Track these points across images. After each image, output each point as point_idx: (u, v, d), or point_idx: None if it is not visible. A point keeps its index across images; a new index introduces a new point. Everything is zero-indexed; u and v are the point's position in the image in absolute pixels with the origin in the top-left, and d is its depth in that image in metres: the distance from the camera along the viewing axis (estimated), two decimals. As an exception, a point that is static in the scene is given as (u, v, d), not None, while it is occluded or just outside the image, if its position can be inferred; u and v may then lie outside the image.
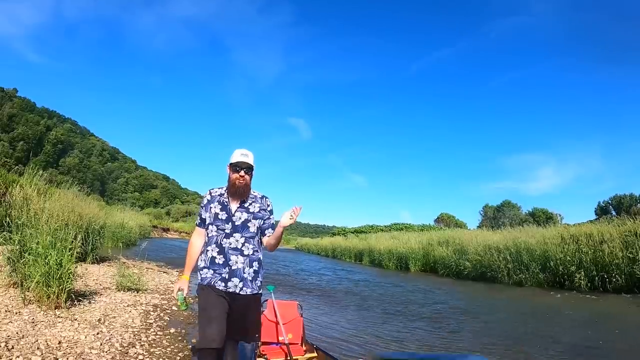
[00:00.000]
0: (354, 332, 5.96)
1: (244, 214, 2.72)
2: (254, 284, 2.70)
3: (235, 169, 2.69)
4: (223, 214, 2.71)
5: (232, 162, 2.70)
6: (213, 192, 2.80)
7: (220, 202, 2.74)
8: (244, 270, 2.66)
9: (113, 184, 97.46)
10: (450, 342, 5.64)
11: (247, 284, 2.66)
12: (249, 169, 2.72)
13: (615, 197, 38.53)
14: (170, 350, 4.06)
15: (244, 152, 2.73)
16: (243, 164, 2.69)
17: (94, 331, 4.12)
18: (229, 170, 2.73)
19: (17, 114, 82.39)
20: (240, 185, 2.69)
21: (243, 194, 2.72)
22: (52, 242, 4.79)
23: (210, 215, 2.72)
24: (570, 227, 13.58)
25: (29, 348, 3.39)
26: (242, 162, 2.69)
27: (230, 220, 2.69)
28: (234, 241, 2.67)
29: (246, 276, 2.66)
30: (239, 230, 2.69)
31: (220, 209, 2.72)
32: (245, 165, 2.69)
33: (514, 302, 9.60)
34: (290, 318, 3.97)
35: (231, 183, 2.71)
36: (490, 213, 41.10)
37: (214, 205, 2.74)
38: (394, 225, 45.52)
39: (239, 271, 2.64)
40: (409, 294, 11.01)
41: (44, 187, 8.43)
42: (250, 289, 2.67)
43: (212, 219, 2.71)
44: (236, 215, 2.71)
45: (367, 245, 25.05)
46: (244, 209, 2.73)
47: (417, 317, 7.55)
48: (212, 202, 2.75)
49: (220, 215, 2.70)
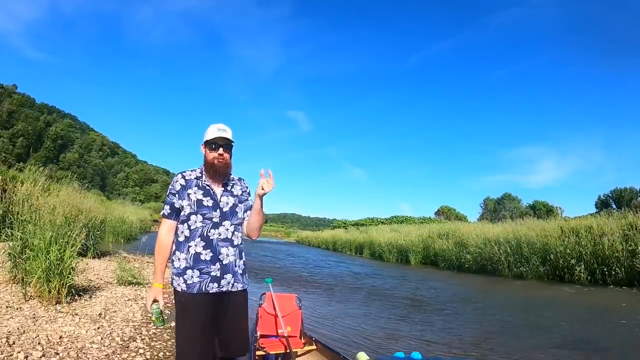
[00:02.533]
0: (353, 325, 5.99)
1: (230, 198, 2.36)
2: (244, 278, 2.38)
3: (211, 146, 2.30)
4: (208, 199, 2.29)
5: (208, 140, 2.31)
6: (186, 175, 2.34)
7: (201, 186, 2.31)
8: (235, 263, 2.31)
9: (113, 178, 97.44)
10: (447, 337, 5.66)
11: (238, 279, 2.33)
12: (228, 146, 2.34)
13: (616, 190, 38.58)
14: (171, 344, 4.08)
15: (221, 126, 2.32)
16: (221, 140, 2.30)
17: (95, 326, 4.14)
18: (204, 150, 2.35)
19: (16, 110, 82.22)
20: (220, 165, 2.30)
21: (224, 174, 2.34)
22: (54, 237, 4.80)
23: (191, 202, 2.27)
24: (570, 220, 13.58)
25: (30, 343, 3.41)
26: (220, 137, 2.29)
27: (217, 207, 2.30)
28: (224, 230, 2.29)
29: (237, 269, 2.32)
30: (228, 217, 2.32)
31: (203, 194, 2.30)
32: (223, 141, 2.31)
33: (514, 295, 9.63)
34: (289, 311, 3.98)
35: (209, 164, 2.31)
36: (491, 206, 41.17)
37: (192, 191, 2.29)
38: (394, 217, 45.67)
39: (231, 265, 2.29)
40: (409, 287, 11.04)
41: (45, 183, 8.46)
42: (241, 284, 2.34)
43: (195, 207, 2.27)
44: (223, 201, 2.33)
45: (367, 238, 25.14)
46: (229, 192, 2.37)
47: (416, 310, 7.58)
48: (188, 188, 2.30)
49: (205, 202, 2.28)
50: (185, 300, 2.22)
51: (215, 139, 2.29)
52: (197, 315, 2.19)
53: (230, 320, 2.30)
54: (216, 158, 2.29)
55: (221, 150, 2.29)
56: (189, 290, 2.21)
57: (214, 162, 2.29)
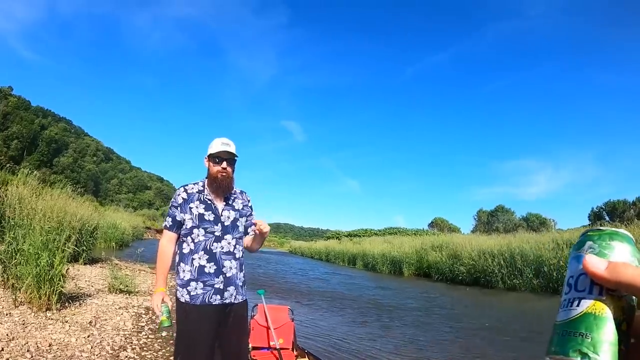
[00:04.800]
0: (346, 337, 5.95)
1: (231, 212, 2.41)
2: (244, 290, 2.45)
3: (215, 160, 2.34)
4: (209, 214, 2.35)
5: (212, 153, 2.34)
6: (189, 188, 2.39)
7: (203, 200, 2.36)
8: (237, 275, 2.38)
9: (107, 184, 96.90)
10: (436, 347, 5.65)
11: (239, 291, 2.39)
12: (232, 160, 2.38)
13: (609, 202, 38.84)
14: (161, 354, 4.03)
15: (225, 141, 2.37)
16: (225, 154, 2.33)
17: (85, 334, 4.09)
18: (207, 163, 2.39)
19: (11, 112, 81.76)
20: (223, 179, 2.35)
21: (227, 189, 2.39)
22: (44, 242, 4.75)
23: (193, 217, 2.33)
24: (564, 232, 13.66)
25: (18, 350, 3.36)
26: (224, 151, 2.33)
27: (219, 221, 2.36)
28: (226, 244, 2.35)
29: (238, 282, 2.39)
30: (230, 231, 2.38)
31: (205, 209, 2.35)
32: (227, 155, 2.34)
33: (507, 308, 9.62)
34: (282, 322, 3.95)
35: (212, 177, 2.36)
36: (484, 218, 41.34)
37: (194, 205, 2.35)
38: (387, 229, 45.72)
39: (233, 278, 2.35)
40: (402, 299, 11.01)
41: (37, 187, 8.37)
42: (241, 296, 2.41)
43: (197, 221, 2.32)
44: (224, 215, 2.38)
45: (361, 249, 25.10)
46: (230, 207, 2.42)
47: (408, 322, 7.55)
48: (190, 202, 2.35)
49: (206, 216, 2.34)
50: (189, 310, 2.26)
51: (219, 152, 2.33)
52: (200, 325, 2.24)
53: (230, 331, 2.35)
54: (220, 172, 2.34)
55: (225, 164, 2.34)
56: (192, 302, 2.25)
57: (217, 176, 2.34)
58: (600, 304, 0.38)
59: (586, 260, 0.39)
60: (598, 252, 0.39)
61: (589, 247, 0.40)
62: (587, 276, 0.39)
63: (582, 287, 0.39)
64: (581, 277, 0.40)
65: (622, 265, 0.37)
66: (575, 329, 0.38)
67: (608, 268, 0.37)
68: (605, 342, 0.36)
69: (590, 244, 0.41)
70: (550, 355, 0.39)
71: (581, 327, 0.38)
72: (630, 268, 0.37)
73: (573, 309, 0.39)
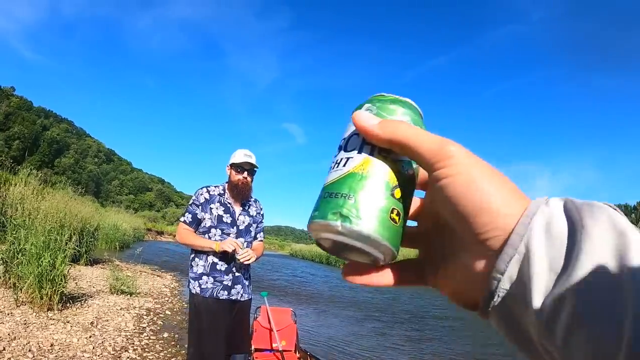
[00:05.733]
0: (348, 339, 5.93)
1: (246, 217, 2.61)
2: (250, 289, 2.66)
3: (237, 169, 2.54)
4: (227, 217, 2.54)
5: (235, 163, 2.54)
6: (211, 190, 2.58)
7: (223, 203, 2.56)
8: (244, 275, 2.59)
9: (108, 185, 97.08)
10: (437, 349, 5.63)
11: (246, 290, 2.61)
12: (252, 171, 2.59)
13: (610, 208, 38.84)
14: (163, 355, 4.03)
15: (247, 152, 2.57)
16: (247, 165, 2.54)
17: (87, 334, 4.08)
18: (229, 171, 2.59)
19: (13, 113, 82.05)
20: (243, 187, 2.55)
21: (245, 196, 2.59)
22: (46, 242, 4.75)
23: (212, 217, 2.51)
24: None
25: (20, 350, 3.35)
26: (246, 162, 2.53)
27: (235, 225, 2.56)
28: None
29: (245, 281, 2.60)
30: (243, 234, 2.57)
31: (224, 211, 2.54)
32: (249, 166, 2.55)
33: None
34: (284, 325, 3.94)
35: (233, 184, 2.55)
36: (485, 223, 41.33)
37: (215, 206, 2.53)
38: (389, 233, 45.57)
39: (241, 277, 2.56)
40: (403, 302, 10.98)
41: (39, 187, 8.37)
42: (247, 295, 2.62)
43: (216, 222, 2.51)
44: (240, 219, 2.58)
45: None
46: (246, 212, 2.62)
47: (412, 324, 7.53)
48: (212, 202, 2.54)
49: (224, 218, 2.53)
50: (198, 302, 2.46)
51: (242, 163, 2.52)
52: (208, 315, 2.44)
53: (235, 325, 2.57)
54: (240, 180, 2.54)
55: (246, 174, 2.54)
56: (202, 294, 2.45)
57: (238, 184, 2.54)
58: (370, 163, 0.31)
59: (355, 114, 0.32)
60: (376, 113, 0.33)
61: (366, 109, 0.33)
62: (359, 136, 0.33)
63: (353, 146, 0.33)
64: (353, 137, 0.33)
65: (396, 122, 0.31)
66: (338, 190, 0.31)
67: (380, 123, 0.31)
68: (371, 206, 0.30)
69: (369, 106, 0.34)
70: (310, 222, 0.32)
71: (344, 188, 0.31)
72: (404, 125, 0.31)
73: (339, 169, 0.32)
